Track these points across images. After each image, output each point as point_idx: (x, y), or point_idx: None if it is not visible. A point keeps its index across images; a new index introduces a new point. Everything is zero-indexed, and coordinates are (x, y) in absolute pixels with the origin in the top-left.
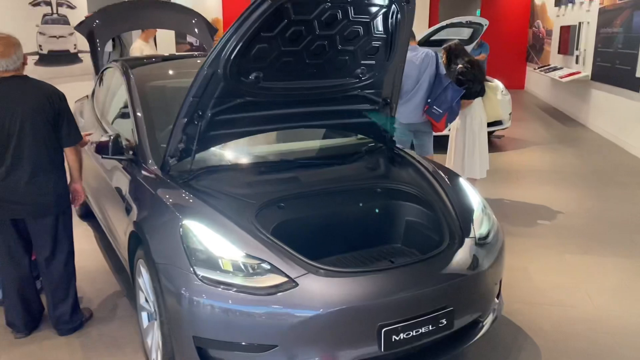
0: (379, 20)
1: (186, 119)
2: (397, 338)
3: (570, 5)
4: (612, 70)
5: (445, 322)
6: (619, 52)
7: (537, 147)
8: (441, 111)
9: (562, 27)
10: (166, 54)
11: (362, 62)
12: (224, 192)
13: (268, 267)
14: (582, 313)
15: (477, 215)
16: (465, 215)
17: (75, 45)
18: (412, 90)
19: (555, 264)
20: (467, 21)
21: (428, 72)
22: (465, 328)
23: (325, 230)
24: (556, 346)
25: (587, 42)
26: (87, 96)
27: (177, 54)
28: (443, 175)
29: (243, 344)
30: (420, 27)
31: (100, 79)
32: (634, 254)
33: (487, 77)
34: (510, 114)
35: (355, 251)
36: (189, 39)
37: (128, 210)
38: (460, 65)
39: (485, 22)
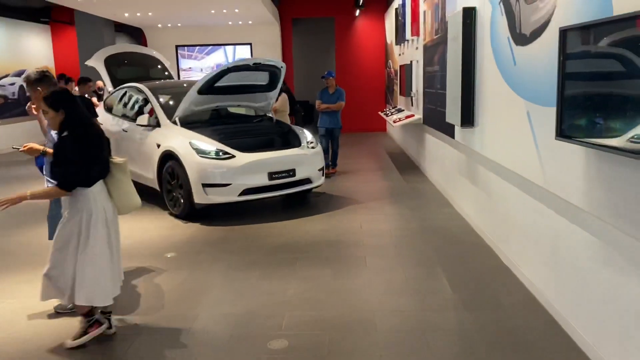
0: None
1: None
2: None
3: (406, 43)
4: (435, 113)
5: None
6: (438, 92)
7: (348, 210)
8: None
9: (401, 67)
10: None
11: None
12: None
13: None
14: None
15: None
16: None
17: None
18: None
19: None
20: (254, 63)
21: None
22: None
23: None
24: None
25: (418, 82)
26: None
27: None
28: None
29: None
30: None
31: None
32: None
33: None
34: (322, 169)
35: None
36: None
37: None
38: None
39: (280, 64)
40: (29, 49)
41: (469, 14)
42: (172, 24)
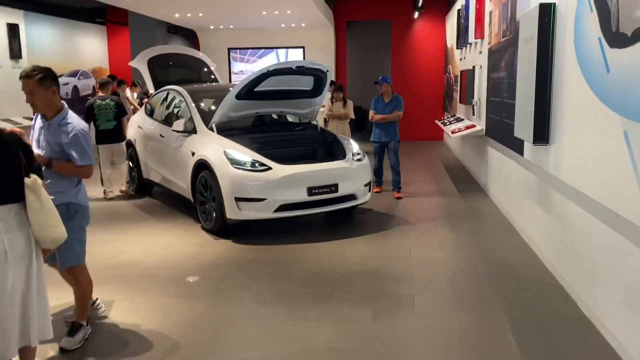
0: None
1: None
2: None
3: (468, 46)
4: (500, 124)
5: None
6: (505, 102)
7: (396, 232)
8: None
9: (461, 72)
10: None
11: None
12: None
13: None
14: None
15: None
16: None
17: None
18: None
19: None
20: (297, 67)
21: None
22: None
23: None
24: None
25: (481, 89)
26: None
27: None
28: None
29: None
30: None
31: None
32: None
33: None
34: (368, 184)
35: None
36: None
37: None
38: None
39: (326, 67)
40: (84, 49)
41: (547, 11)
42: (224, 25)
